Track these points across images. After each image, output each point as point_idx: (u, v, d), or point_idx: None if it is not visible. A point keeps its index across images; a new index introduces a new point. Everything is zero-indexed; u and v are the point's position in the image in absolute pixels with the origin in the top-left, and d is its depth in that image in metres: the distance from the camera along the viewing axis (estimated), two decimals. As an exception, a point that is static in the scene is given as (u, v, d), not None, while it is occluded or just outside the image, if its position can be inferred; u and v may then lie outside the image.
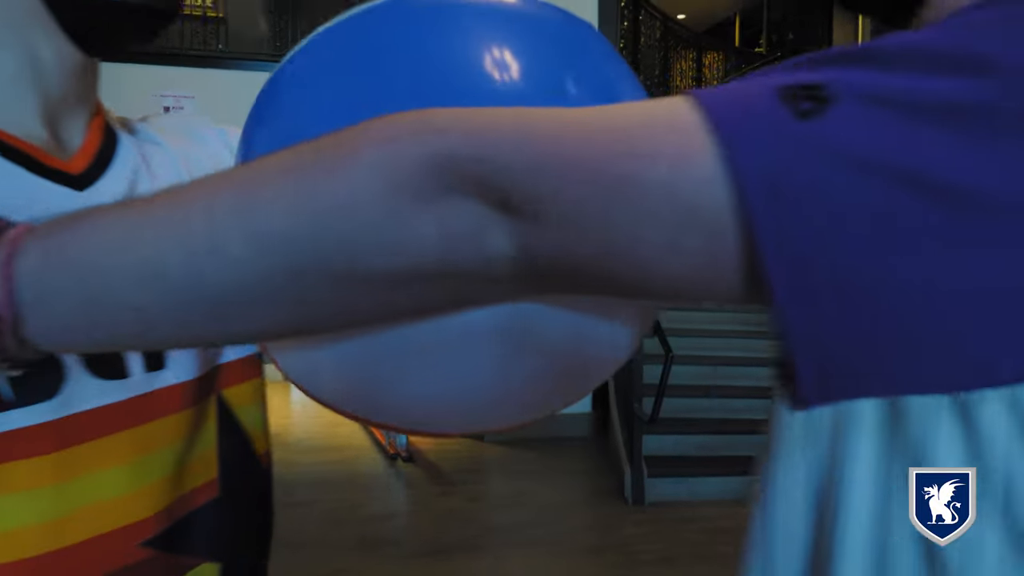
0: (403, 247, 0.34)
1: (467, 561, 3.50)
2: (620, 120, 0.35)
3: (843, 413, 0.38)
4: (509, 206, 0.34)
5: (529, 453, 5.23)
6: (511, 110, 0.36)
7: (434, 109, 0.37)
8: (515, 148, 0.34)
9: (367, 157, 0.34)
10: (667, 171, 0.32)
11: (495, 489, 4.71)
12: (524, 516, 4.13)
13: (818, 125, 0.31)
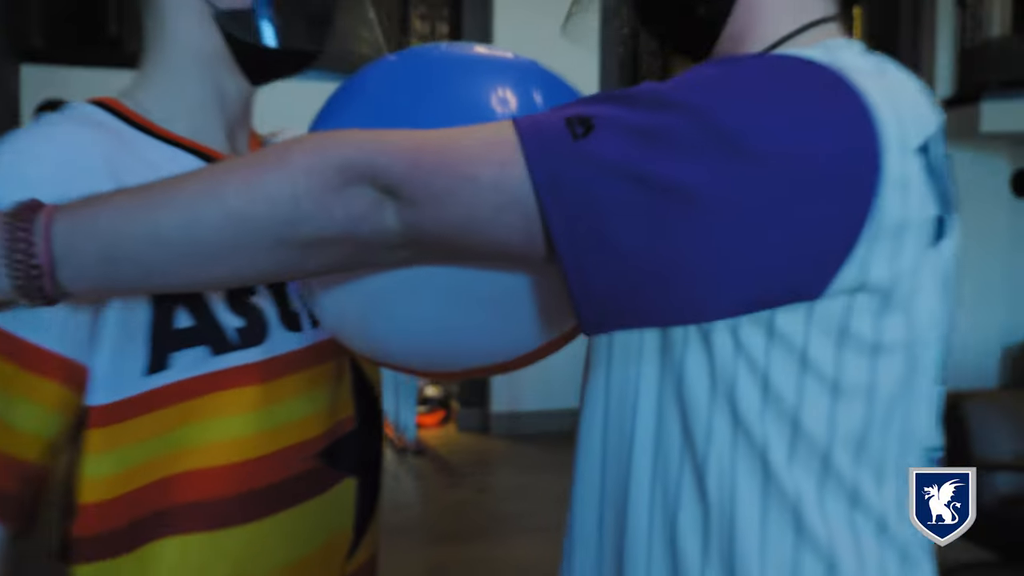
0: (322, 222, 0.52)
1: (479, 547, 3.67)
2: (470, 136, 0.54)
3: (634, 341, 0.59)
4: (395, 194, 0.52)
5: (533, 447, 5.38)
6: (403, 132, 0.55)
7: (347, 131, 0.56)
8: (398, 156, 0.52)
9: (300, 161, 0.52)
10: (495, 172, 0.51)
11: (502, 481, 4.87)
12: (530, 506, 4.28)
13: (584, 143, 0.50)
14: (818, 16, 0.64)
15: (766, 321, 0.53)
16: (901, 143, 0.54)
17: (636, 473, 0.61)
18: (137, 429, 0.65)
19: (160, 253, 0.53)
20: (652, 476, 0.59)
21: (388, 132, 0.55)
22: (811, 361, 0.54)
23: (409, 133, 0.54)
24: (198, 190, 0.53)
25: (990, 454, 3.17)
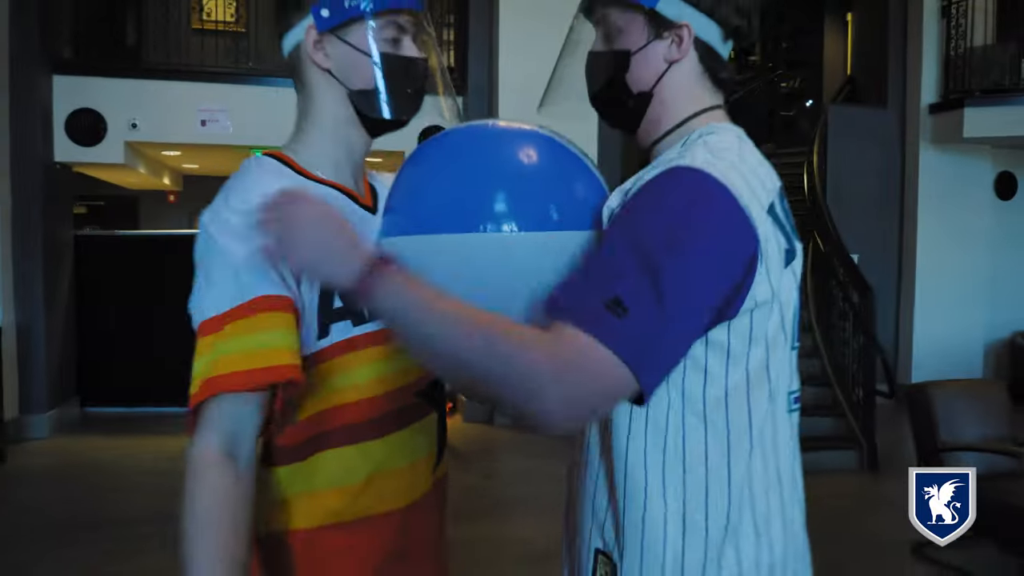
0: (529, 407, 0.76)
1: (487, 526, 3.97)
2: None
3: None
4: None
5: (536, 436, 5.67)
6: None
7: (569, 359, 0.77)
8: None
9: (536, 360, 0.75)
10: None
11: (507, 467, 5.17)
12: (534, 489, 4.58)
13: (623, 321, 0.76)
14: (707, 105, 0.98)
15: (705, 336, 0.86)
16: (759, 214, 0.85)
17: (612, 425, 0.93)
18: (312, 376, 0.97)
19: (426, 346, 0.82)
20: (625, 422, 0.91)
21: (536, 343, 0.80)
22: (730, 342, 0.86)
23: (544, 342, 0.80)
24: (476, 336, 0.78)
25: (956, 437, 3.47)
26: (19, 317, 5.43)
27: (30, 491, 4.55)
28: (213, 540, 0.89)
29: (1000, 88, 6.81)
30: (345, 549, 1.01)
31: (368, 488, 1.01)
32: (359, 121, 1.04)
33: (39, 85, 5.51)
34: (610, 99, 1.01)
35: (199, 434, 0.91)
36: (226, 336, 0.90)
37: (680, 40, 0.96)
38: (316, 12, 0.98)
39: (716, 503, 0.89)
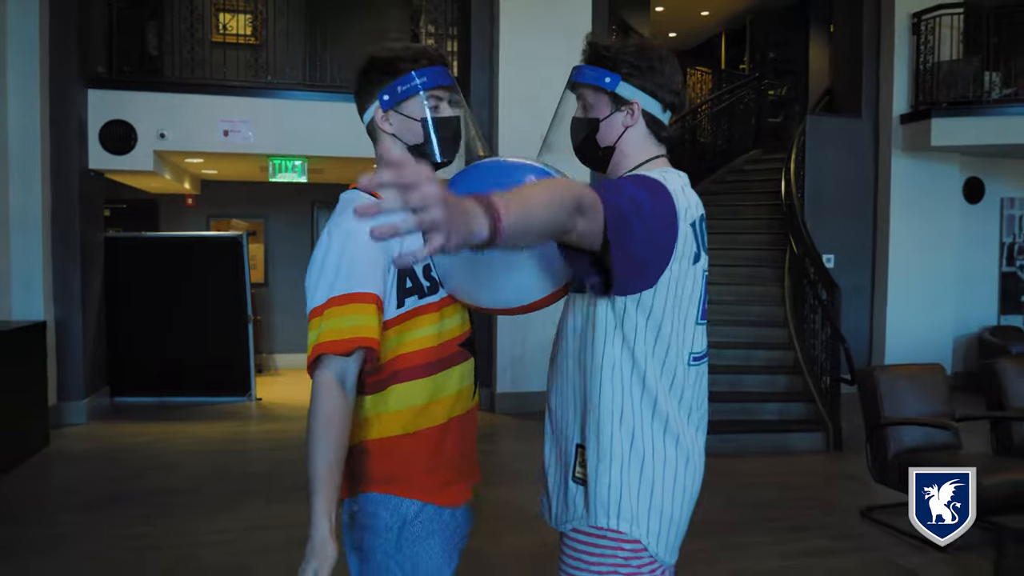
0: (570, 223, 1.16)
1: (488, 491, 4.44)
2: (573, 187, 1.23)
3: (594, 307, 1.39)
4: (582, 212, 1.17)
5: (535, 422, 6.16)
6: (585, 191, 1.21)
7: (582, 185, 1.21)
8: (590, 200, 1.19)
9: (576, 192, 1.15)
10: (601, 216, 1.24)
11: (507, 447, 5.65)
12: (529, 465, 5.04)
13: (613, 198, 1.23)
14: (653, 155, 1.48)
15: (636, 297, 1.34)
16: (684, 221, 1.35)
17: (580, 360, 1.42)
18: (393, 331, 1.45)
19: (540, 224, 1.08)
20: (586, 359, 1.40)
21: (579, 187, 1.21)
22: (650, 312, 1.35)
23: (587, 193, 1.21)
24: (552, 199, 1.10)
25: (898, 414, 3.96)
26: (58, 313, 5.90)
27: (73, 469, 5.02)
28: (328, 432, 1.34)
29: (965, 100, 7.29)
30: (410, 449, 1.48)
31: (426, 409, 1.48)
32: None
33: (75, 98, 5.98)
34: (586, 151, 1.50)
35: (319, 371, 1.36)
36: (328, 316, 1.37)
37: (632, 112, 1.44)
38: (380, 98, 1.50)
39: (642, 408, 1.38)
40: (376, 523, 1.47)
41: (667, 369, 1.38)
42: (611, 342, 1.37)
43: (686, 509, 1.42)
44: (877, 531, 3.86)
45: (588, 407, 1.39)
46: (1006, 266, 8.28)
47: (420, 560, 1.47)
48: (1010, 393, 4.19)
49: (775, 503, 4.33)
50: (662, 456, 1.37)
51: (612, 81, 1.42)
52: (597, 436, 1.38)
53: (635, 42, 1.47)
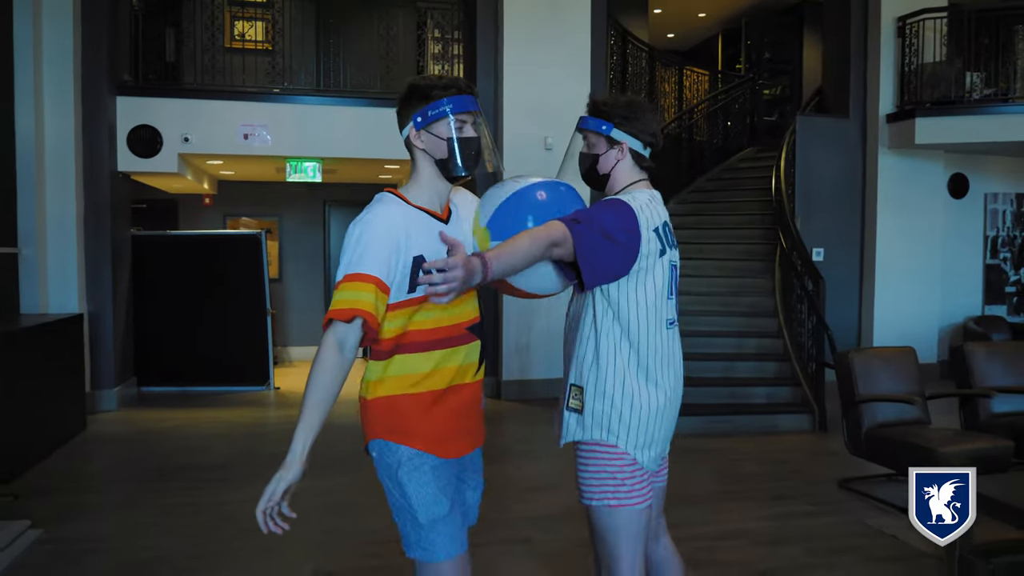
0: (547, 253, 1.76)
1: (497, 466, 4.81)
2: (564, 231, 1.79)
3: (592, 292, 1.87)
4: (558, 246, 1.76)
5: (538, 407, 6.55)
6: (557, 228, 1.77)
7: (554, 224, 1.77)
8: (562, 237, 1.76)
9: (549, 234, 1.74)
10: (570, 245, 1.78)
11: (511, 429, 6.03)
12: (532, 445, 5.45)
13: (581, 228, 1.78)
14: (636, 179, 2.01)
15: (618, 282, 1.83)
16: (646, 228, 1.87)
17: (582, 329, 1.89)
18: (401, 312, 1.75)
19: (522, 262, 1.70)
20: (587, 328, 1.88)
21: (554, 228, 1.75)
22: (629, 290, 1.81)
23: (558, 227, 1.76)
24: (531, 244, 1.70)
25: (871, 392, 4.32)
26: (91, 307, 6.29)
27: (112, 449, 5.42)
28: (320, 377, 1.66)
29: (948, 100, 7.64)
30: (409, 407, 1.79)
31: (431, 375, 1.80)
32: (441, 176, 1.84)
33: (105, 105, 6.37)
34: (589, 177, 2.05)
35: (326, 333, 1.67)
36: (340, 290, 1.69)
37: (622, 150, 2.00)
38: (415, 119, 1.81)
39: (627, 360, 1.87)
40: (383, 462, 1.81)
41: (646, 331, 1.90)
42: (604, 314, 1.90)
43: (661, 431, 1.94)
44: (852, 498, 4.23)
45: (586, 358, 1.93)
46: (990, 258, 8.63)
47: (415, 492, 1.78)
48: (976, 374, 4.56)
49: (760, 476, 4.70)
50: (644, 394, 1.90)
51: (607, 128, 1.99)
52: (595, 381, 1.91)
53: (625, 99, 2.04)
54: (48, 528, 3.63)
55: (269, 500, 1.61)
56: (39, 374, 4.99)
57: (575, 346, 1.96)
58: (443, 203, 1.87)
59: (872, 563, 3.34)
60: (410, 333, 1.78)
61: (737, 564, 3.32)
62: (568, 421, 1.95)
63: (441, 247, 1.73)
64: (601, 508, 1.92)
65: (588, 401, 1.91)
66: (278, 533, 1.65)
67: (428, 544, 1.80)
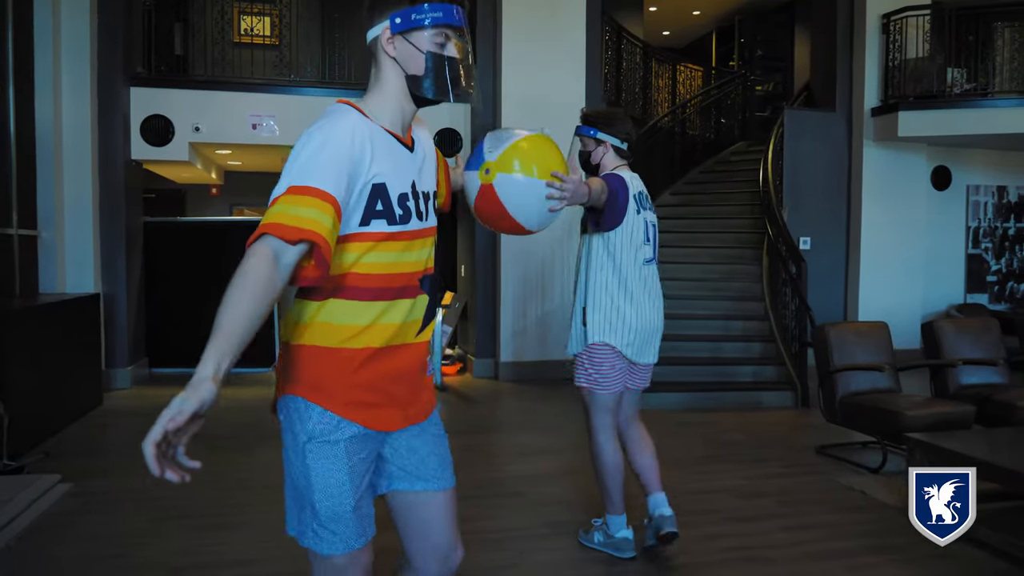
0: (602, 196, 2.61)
1: (495, 435, 5.11)
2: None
3: (594, 239, 2.37)
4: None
5: (534, 388, 6.83)
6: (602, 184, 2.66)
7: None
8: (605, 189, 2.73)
9: (603, 186, 2.60)
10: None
11: (509, 406, 6.31)
12: (528, 417, 5.73)
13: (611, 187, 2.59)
14: (618, 164, 2.92)
15: (612, 232, 2.67)
16: (631, 195, 2.81)
17: (587, 268, 2.70)
18: (350, 247, 1.44)
19: (595, 196, 2.57)
20: (592, 267, 2.67)
21: (602, 183, 2.61)
22: (620, 237, 2.45)
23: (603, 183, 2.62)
24: (600, 190, 2.58)
25: (846, 363, 4.60)
26: (105, 289, 6.57)
27: (129, 421, 5.69)
28: (244, 290, 1.25)
29: (930, 94, 7.93)
30: (338, 363, 1.48)
31: (369, 329, 1.49)
32: (409, 95, 1.53)
33: (120, 96, 6.64)
34: (586, 166, 2.92)
35: (256, 243, 1.30)
36: (282, 203, 1.33)
37: (606, 147, 2.88)
38: (392, 20, 1.49)
39: (616, 285, 2.57)
40: (291, 425, 1.51)
41: (628, 266, 2.75)
42: (599, 253, 2.76)
43: (640, 335, 2.80)
44: (827, 462, 4.51)
45: (588, 287, 2.80)
46: (972, 248, 8.92)
47: (320, 476, 1.48)
48: (945, 347, 4.84)
49: (742, 443, 4.98)
50: (627, 310, 2.77)
51: (594, 132, 2.86)
52: (593, 300, 2.79)
53: (604, 111, 2.99)
54: (77, 483, 3.90)
55: (169, 425, 1.17)
56: (59, 349, 5.27)
57: (580, 283, 2.83)
58: (406, 127, 1.58)
59: (839, 512, 3.61)
60: (351, 276, 1.47)
61: (716, 512, 3.60)
62: (578, 334, 2.84)
63: (405, 177, 1.52)
64: (587, 389, 2.85)
65: (590, 316, 2.77)
66: (174, 480, 1.22)
67: (324, 535, 1.50)
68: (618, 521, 2.98)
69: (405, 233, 1.51)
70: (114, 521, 3.46)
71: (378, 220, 1.46)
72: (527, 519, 3.51)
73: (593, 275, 2.75)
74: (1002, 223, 9.00)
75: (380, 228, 1.47)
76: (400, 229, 1.50)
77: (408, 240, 1.53)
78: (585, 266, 2.79)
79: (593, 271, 2.74)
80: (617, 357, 2.79)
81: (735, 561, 3.03)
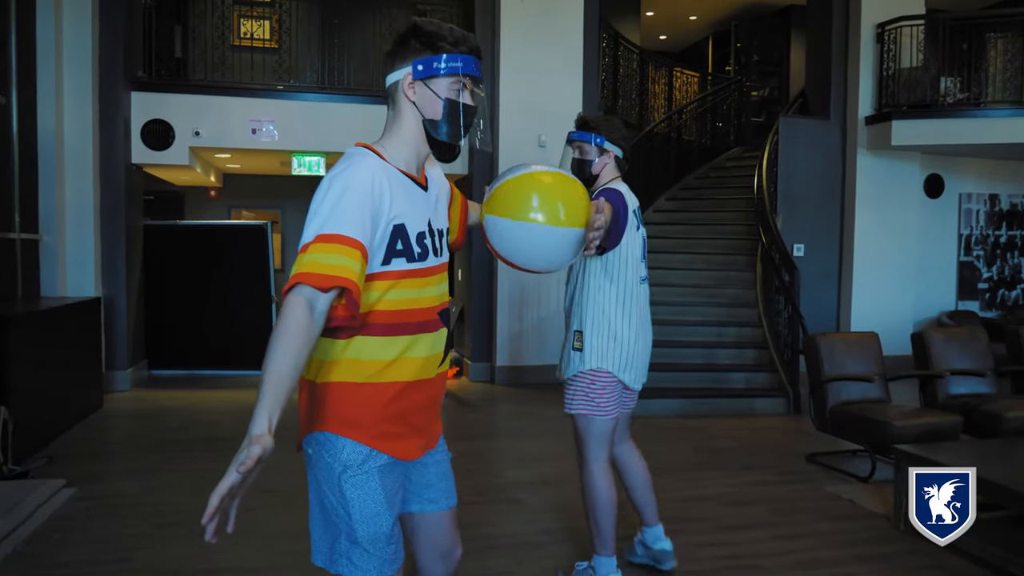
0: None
1: (491, 441, 5.17)
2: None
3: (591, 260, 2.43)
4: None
5: (530, 391, 6.90)
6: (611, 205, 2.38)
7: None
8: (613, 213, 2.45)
9: (612, 209, 2.46)
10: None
11: (505, 410, 6.38)
12: (524, 423, 5.81)
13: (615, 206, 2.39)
14: (614, 176, 2.73)
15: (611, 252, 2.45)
16: (630, 210, 2.59)
17: (583, 290, 2.57)
18: (374, 285, 1.51)
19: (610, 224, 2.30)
20: (587, 288, 2.52)
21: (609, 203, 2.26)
22: (619, 257, 2.43)
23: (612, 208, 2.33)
24: (611, 210, 2.32)
25: (837, 372, 4.69)
26: (106, 292, 6.63)
27: (131, 423, 5.75)
28: (286, 343, 1.32)
29: (923, 104, 8.02)
30: (368, 397, 1.55)
31: (395, 364, 1.56)
32: (426, 138, 1.61)
33: (121, 100, 6.69)
34: (582, 177, 2.63)
35: (291, 294, 1.37)
36: (313, 251, 1.40)
37: (610, 157, 2.68)
38: (414, 66, 1.57)
39: (614, 307, 2.49)
40: (322, 461, 1.55)
41: (627, 286, 2.62)
42: (596, 274, 2.61)
43: (637, 358, 2.66)
44: (817, 470, 4.60)
45: (585, 309, 2.62)
46: (964, 256, 9.02)
47: (359, 504, 1.54)
48: (934, 357, 4.93)
49: (734, 450, 5.07)
50: (626, 332, 2.63)
51: (600, 140, 2.66)
52: (591, 324, 2.61)
53: (604, 118, 2.76)
54: (79, 487, 3.97)
55: (240, 468, 1.21)
56: (60, 353, 5.33)
57: (575, 304, 2.65)
58: (420, 168, 1.66)
59: (827, 521, 3.70)
60: (375, 313, 1.54)
61: (705, 520, 3.68)
62: (572, 358, 2.65)
63: (421, 216, 1.60)
64: (584, 415, 2.65)
65: (587, 339, 2.61)
66: (213, 540, 1.28)
67: (361, 562, 1.56)
68: (608, 563, 2.71)
69: (423, 270, 1.60)
70: (118, 525, 3.52)
71: (398, 259, 1.54)
72: (525, 526, 3.59)
73: (591, 297, 2.57)
74: (994, 231, 9.10)
75: (400, 266, 1.55)
76: (419, 266, 1.59)
77: (426, 276, 1.61)
78: (580, 287, 2.61)
79: (591, 292, 2.57)
80: (615, 382, 2.62)
81: (725, 570, 3.11)
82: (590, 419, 2.64)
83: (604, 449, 2.66)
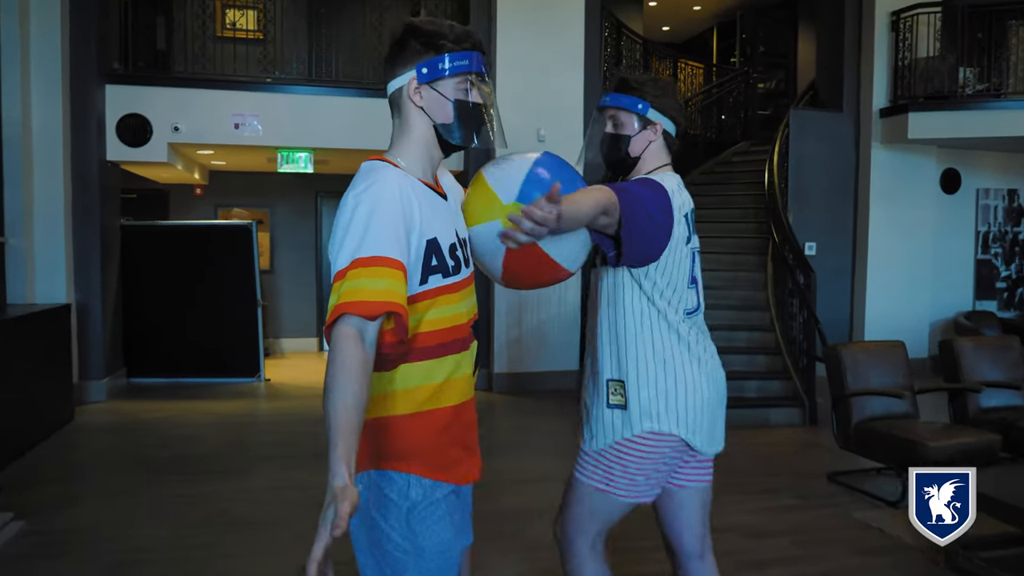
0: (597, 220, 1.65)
1: (490, 460, 4.78)
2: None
3: (623, 281, 1.87)
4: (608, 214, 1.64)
5: (529, 400, 6.54)
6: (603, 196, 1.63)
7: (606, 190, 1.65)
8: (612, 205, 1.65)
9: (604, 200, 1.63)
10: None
11: (504, 423, 6.02)
12: (525, 437, 5.45)
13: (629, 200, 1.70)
14: (663, 163, 1.92)
15: (646, 268, 1.79)
16: (679, 212, 1.83)
17: (615, 320, 1.86)
18: (415, 308, 1.42)
19: (580, 219, 1.50)
20: (621, 319, 1.84)
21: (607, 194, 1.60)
22: (656, 274, 1.79)
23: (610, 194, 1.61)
24: (590, 204, 1.53)
25: (861, 386, 4.32)
26: (79, 297, 6.25)
27: (102, 439, 5.38)
28: (347, 379, 1.24)
29: (941, 95, 7.64)
30: (424, 427, 1.46)
31: (445, 386, 1.48)
32: (438, 143, 1.54)
33: (94, 93, 6.31)
34: (615, 159, 1.92)
35: (338, 326, 1.28)
36: (352, 278, 1.30)
37: (656, 131, 1.88)
38: (418, 70, 1.47)
39: (669, 338, 1.83)
40: (387, 502, 1.45)
41: (671, 319, 1.82)
42: (636, 299, 1.81)
43: (714, 412, 1.86)
44: (840, 492, 4.24)
45: (624, 348, 1.83)
46: (981, 253, 8.65)
47: (430, 538, 1.46)
48: (964, 368, 4.57)
49: (751, 470, 4.71)
50: (692, 372, 1.82)
51: (644, 107, 1.86)
52: (636, 367, 1.81)
53: (650, 76, 1.94)
54: (33, 519, 3.60)
55: (335, 531, 1.13)
56: (25, 365, 4.96)
57: (609, 341, 1.85)
58: (434, 175, 1.58)
59: (858, 556, 3.34)
60: (418, 337, 1.44)
61: (725, 555, 3.31)
62: (610, 419, 1.83)
63: (448, 227, 1.51)
64: (598, 491, 1.88)
65: (632, 393, 1.81)
66: None
67: None
68: None
69: (458, 283, 1.52)
70: (74, 567, 3.16)
71: (435, 275, 1.46)
72: (523, 565, 3.23)
73: (631, 328, 1.80)
74: (1012, 228, 8.73)
75: (437, 283, 1.47)
76: (453, 280, 1.50)
77: (461, 290, 1.53)
78: (612, 315, 1.83)
79: (630, 322, 1.80)
80: (674, 450, 1.83)
81: (751, 620, 2.75)
82: (607, 497, 1.87)
83: (599, 527, 1.94)
